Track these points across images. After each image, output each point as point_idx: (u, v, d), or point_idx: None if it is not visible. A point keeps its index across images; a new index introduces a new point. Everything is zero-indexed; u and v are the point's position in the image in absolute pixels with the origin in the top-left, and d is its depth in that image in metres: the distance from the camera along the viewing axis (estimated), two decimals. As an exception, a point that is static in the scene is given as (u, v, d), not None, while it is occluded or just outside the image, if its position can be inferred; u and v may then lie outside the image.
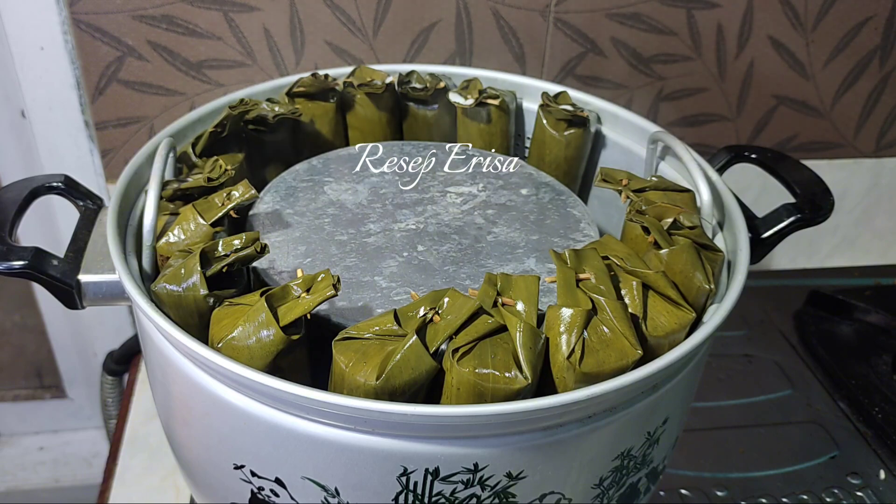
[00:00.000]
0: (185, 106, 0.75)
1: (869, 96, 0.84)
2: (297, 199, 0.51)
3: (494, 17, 0.74)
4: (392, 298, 0.43)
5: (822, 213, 0.50)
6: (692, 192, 0.49)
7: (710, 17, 0.77)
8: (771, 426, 0.71)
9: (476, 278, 0.45)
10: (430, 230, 0.48)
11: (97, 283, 0.44)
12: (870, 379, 0.74)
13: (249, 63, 0.74)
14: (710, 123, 0.83)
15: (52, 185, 0.49)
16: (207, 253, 0.41)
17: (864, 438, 0.70)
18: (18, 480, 1.01)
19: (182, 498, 0.65)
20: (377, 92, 0.58)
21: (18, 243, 0.43)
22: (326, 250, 0.46)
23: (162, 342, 0.41)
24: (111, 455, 0.69)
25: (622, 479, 0.43)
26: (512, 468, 0.37)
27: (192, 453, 0.45)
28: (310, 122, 0.58)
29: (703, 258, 0.43)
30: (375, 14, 0.72)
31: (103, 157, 0.77)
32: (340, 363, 0.37)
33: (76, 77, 0.72)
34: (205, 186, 0.47)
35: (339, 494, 0.39)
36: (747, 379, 0.76)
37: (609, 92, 0.79)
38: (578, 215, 0.51)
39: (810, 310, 0.83)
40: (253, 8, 0.71)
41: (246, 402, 0.38)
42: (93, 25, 0.70)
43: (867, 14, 0.79)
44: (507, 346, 0.37)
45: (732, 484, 0.65)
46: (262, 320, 0.38)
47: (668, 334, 0.40)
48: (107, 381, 0.87)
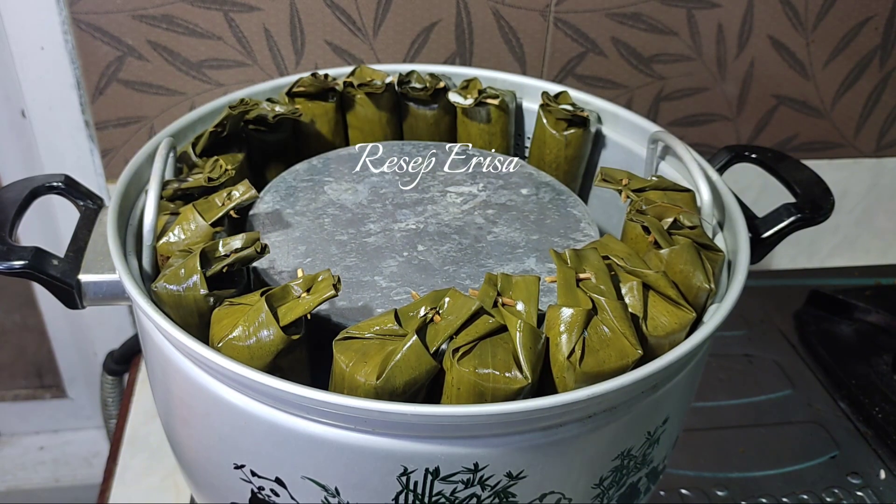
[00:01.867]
0: (186, 106, 0.75)
1: (869, 96, 0.85)
2: (297, 199, 0.51)
3: (494, 17, 0.74)
4: (392, 298, 0.43)
5: (822, 213, 0.50)
6: (692, 192, 0.49)
7: (710, 17, 0.77)
8: (771, 426, 0.71)
9: (476, 278, 0.45)
10: (430, 230, 0.48)
11: (97, 282, 0.44)
12: (870, 379, 0.74)
13: (249, 63, 0.74)
14: (710, 123, 0.83)
15: (52, 184, 0.49)
16: (207, 253, 0.41)
17: (864, 438, 0.70)
18: (18, 480, 1.01)
19: (182, 498, 0.65)
20: (377, 92, 0.58)
21: (18, 243, 0.43)
22: (326, 250, 0.46)
23: (162, 342, 0.41)
24: (111, 455, 0.69)
25: (622, 478, 0.43)
26: (512, 468, 0.37)
27: (193, 453, 0.45)
28: (310, 121, 0.58)
29: (703, 258, 0.43)
30: (375, 14, 0.72)
31: (103, 157, 0.77)
32: (341, 363, 0.37)
33: (76, 77, 0.72)
34: (205, 186, 0.47)
35: (339, 494, 0.39)
36: (747, 379, 0.76)
37: (609, 92, 0.79)
38: (578, 215, 0.51)
39: (810, 310, 0.83)
40: (253, 8, 0.71)
41: (246, 402, 0.38)
42: (93, 25, 0.70)
43: (867, 14, 0.79)
44: (508, 345, 0.37)
45: (732, 484, 0.65)
46: (263, 320, 0.38)
47: (668, 334, 0.40)
48: (107, 381, 0.87)
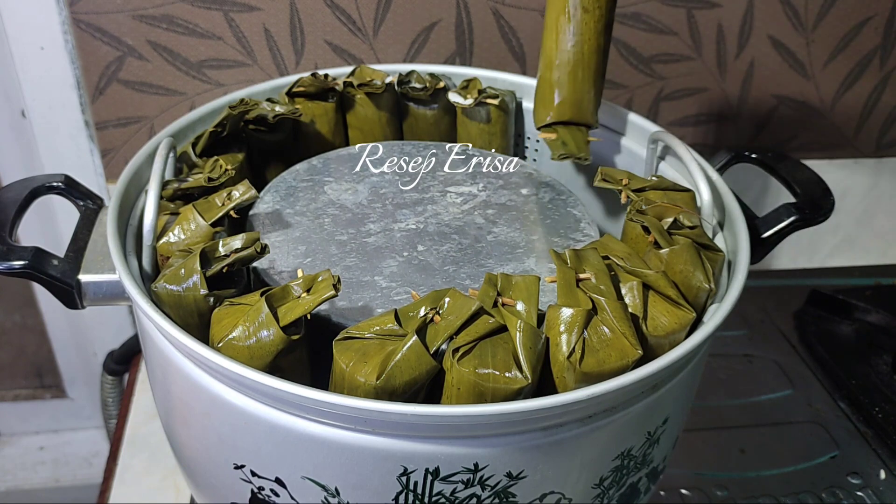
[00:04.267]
0: (186, 106, 0.75)
1: (869, 96, 0.85)
2: (297, 199, 0.51)
3: (494, 17, 0.74)
4: (392, 298, 0.43)
5: (822, 213, 0.50)
6: (692, 192, 0.49)
7: (710, 16, 0.77)
8: (771, 426, 0.71)
9: (476, 278, 0.45)
10: (430, 230, 0.48)
11: (97, 282, 0.44)
12: (870, 379, 0.74)
13: (249, 63, 0.74)
14: (710, 123, 0.83)
15: (52, 184, 0.49)
16: (207, 253, 0.41)
17: (864, 438, 0.70)
18: (18, 480, 1.01)
19: (182, 498, 0.65)
20: (377, 92, 0.58)
21: (18, 243, 0.43)
22: (326, 250, 0.46)
23: (162, 342, 0.41)
24: (111, 455, 0.69)
25: (622, 478, 0.43)
26: (512, 468, 0.37)
27: (193, 453, 0.45)
28: (310, 121, 0.58)
29: (703, 258, 0.43)
30: (375, 14, 0.72)
31: (103, 157, 0.77)
32: (341, 363, 0.37)
33: (76, 77, 0.72)
34: (205, 186, 0.47)
35: (339, 494, 0.39)
36: (747, 379, 0.76)
37: (609, 92, 0.79)
38: (578, 215, 0.51)
39: (810, 310, 0.83)
40: (253, 8, 0.71)
41: (246, 402, 0.38)
42: (93, 25, 0.70)
43: (867, 14, 0.79)
44: (508, 346, 0.37)
45: (732, 484, 0.65)
46: (263, 320, 0.38)
47: (668, 334, 0.40)
48: (107, 381, 0.87)
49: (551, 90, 0.54)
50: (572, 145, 0.52)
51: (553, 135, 0.53)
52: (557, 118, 0.54)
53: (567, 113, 0.54)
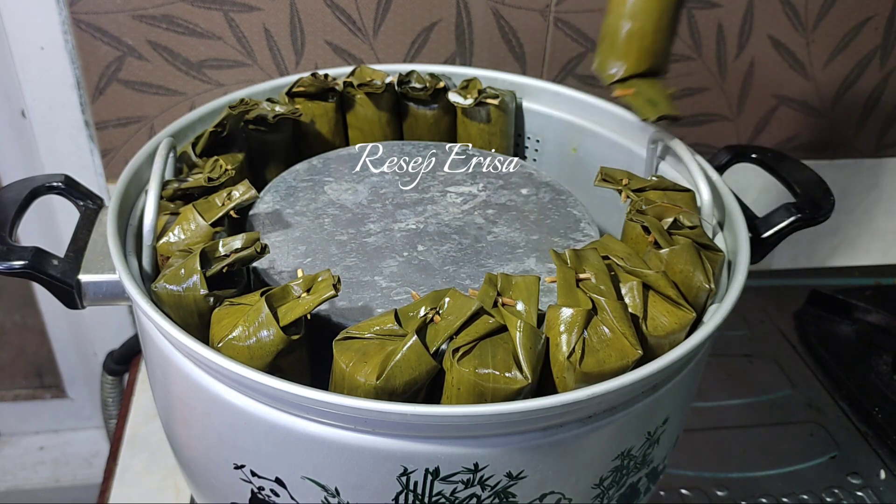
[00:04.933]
0: (186, 106, 0.75)
1: (869, 96, 0.85)
2: (297, 199, 0.51)
3: (494, 17, 0.74)
4: (392, 298, 0.43)
5: (822, 213, 0.50)
6: (692, 192, 0.49)
7: (710, 16, 0.77)
8: (771, 426, 0.71)
9: (476, 278, 0.45)
10: (430, 230, 0.48)
11: (97, 282, 0.44)
12: (870, 379, 0.74)
13: (249, 63, 0.74)
14: (710, 123, 0.83)
15: (52, 184, 0.49)
16: (207, 253, 0.41)
17: (864, 438, 0.70)
18: (18, 480, 1.01)
19: (182, 498, 0.65)
20: (377, 92, 0.58)
21: (18, 243, 0.43)
22: (326, 250, 0.46)
23: (162, 342, 0.41)
24: (111, 455, 0.69)
25: (622, 478, 0.43)
26: (512, 468, 0.37)
27: (193, 453, 0.45)
28: (310, 121, 0.58)
29: (703, 258, 0.43)
30: (375, 14, 0.72)
31: (103, 157, 0.77)
32: (341, 363, 0.37)
33: (76, 77, 0.72)
34: (205, 186, 0.47)
35: (339, 494, 0.39)
36: (747, 379, 0.76)
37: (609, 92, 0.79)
38: (578, 215, 0.51)
39: (810, 310, 0.83)
40: (253, 8, 0.71)
41: (246, 402, 0.38)
42: (93, 25, 0.70)
43: (867, 14, 0.79)
44: (508, 346, 0.37)
45: (732, 484, 0.65)
46: (263, 320, 0.38)
47: (668, 334, 0.40)
48: (107, 381, 0.87)
49: (630, 39, 0.48)
50: (662, 103, 0.48)
51: (631, 90, 0.49)
52: (634, 70, 0.49)
53: (645, 63, 0.49)
